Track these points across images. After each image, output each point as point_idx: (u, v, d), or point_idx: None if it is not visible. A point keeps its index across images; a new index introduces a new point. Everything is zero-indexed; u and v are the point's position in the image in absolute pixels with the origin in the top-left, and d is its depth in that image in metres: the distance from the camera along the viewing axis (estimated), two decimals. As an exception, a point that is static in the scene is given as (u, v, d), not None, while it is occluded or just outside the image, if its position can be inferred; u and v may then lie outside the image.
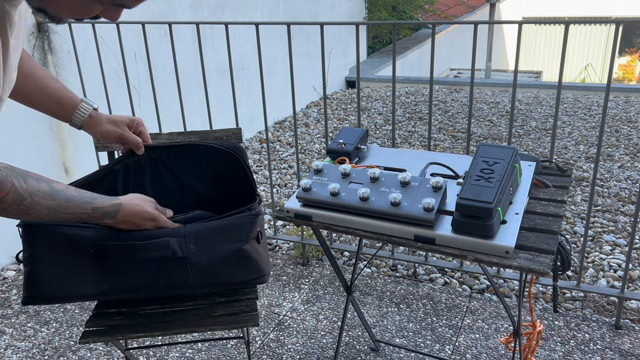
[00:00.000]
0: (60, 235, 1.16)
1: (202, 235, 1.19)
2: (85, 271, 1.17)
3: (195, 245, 1.18)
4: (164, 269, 1.17)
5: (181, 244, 1.17)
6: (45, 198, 1.00)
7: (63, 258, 1.16)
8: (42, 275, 1.16)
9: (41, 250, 1.16)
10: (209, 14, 4.22)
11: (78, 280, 1.17)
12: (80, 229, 1.17)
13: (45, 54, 2.91)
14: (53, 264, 1.16)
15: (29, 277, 1.16)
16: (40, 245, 1.16)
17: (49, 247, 1.16)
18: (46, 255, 1.16)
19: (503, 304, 1.67)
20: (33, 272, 1.16)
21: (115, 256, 1.17)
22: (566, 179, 1.47)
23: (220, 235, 1.20)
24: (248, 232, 1.23)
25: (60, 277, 1.16)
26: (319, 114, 5.62)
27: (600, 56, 13.52)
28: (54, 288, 1.16)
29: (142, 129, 1.34)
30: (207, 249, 1.19)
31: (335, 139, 1.53)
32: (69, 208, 1.04)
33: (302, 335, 2.17)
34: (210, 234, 1.19)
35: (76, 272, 1.16)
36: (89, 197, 1.08)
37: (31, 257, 1.17)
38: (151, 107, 3.52)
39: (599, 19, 2.03)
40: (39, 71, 1.22)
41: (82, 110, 1.25)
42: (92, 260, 1.17)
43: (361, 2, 7.76)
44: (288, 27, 2.32)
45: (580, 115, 5.21)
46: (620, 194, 3.45)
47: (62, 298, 1.18)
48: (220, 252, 1.19)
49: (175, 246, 1.17)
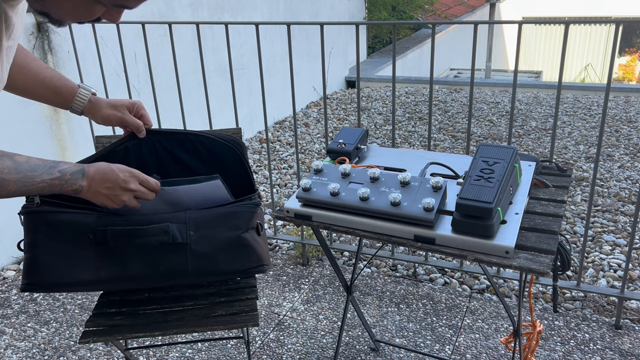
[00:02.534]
0: (61, 221, 1.17)
1: (202, 222, 1.19)
2: (85, 257, 1.17)
3: (195, 231, 1.19)
4: (163, 255, 1.18)
5: (181, 229, 1.17)
6: (10, 173, 0.98)
7: (63, 244, 1.16)
8: (41, 261, 1.16)
9: (41, 236, 1.16)
10: (209, 14, 4.22)
11: (78, 267, 1.17)
12: (81, 215, 1.18)
13: (45, 54, 2.91)
14: (53, 250, 1.16)
15: (29, 264, 1.17)
16: (40, 232, 1.17)
17: (49, 233, 1.16)
18: (46, 241, 1.16)
19: (503, 304, 1.67)
20: (33, 259, 1.17)
21: (115, 241, 1.17)
22: (566, 179, 1.47)
23: (220, 223, 1.20)
24: (248, 220, 1.23)
25: (60, 263, 1.16)
26: (319, 114, 5.62)
27: (600, 56, 13.52)
28: (53, 275, 1.17)
29: (143, 112, 1.33)
30: (207, 236, 1.19)
31: (335, 139, 1.53)
32: (36, 177, 1.02)
33: (302, 335, 2.17)
34: (210, 221, 1.20)
35: (76, 258, 1.17)
36: (53, 163, 1.06)
37: (31, 244, 1.17)
38: (151, 107, 3.52)
39: (599, 19, 2.03)
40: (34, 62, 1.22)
41: (81, 96, 1.25)
42: (92, 246, 1.17)
43: (361, 2, 7.76)
44: (288, 27, 2.32)
45: (580, 115, 5.21)
46: (620, 194, 3.45)
47: (61, 285, 1.18)
48: (219, 239, 1.20)
49: (175, 232, 1.17)
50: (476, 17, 11.07)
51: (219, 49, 4.34)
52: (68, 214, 1.18)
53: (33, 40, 2.85)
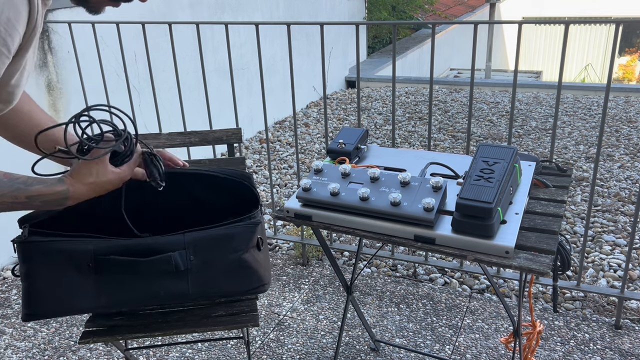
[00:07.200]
0: (58, 251, 1.13)
1: (201, 245, 1.17)
2: (85, 286, 1.14)
3: (195, 255, 1.17)
4: (165, 281, 1.16)
5: (182, 256, 1.15)
6: None
7: (61, 274, 1.13)
8: (40, 292, 1.13)
9: (37, 266, 1.12)
10: (209, 14, 4.22)
11: (77, 296, 1.14)
12: (79, 242, 1.14)
13: (45, 54, 2.91)
14: (51, 280, 1.13)
15: (27, 294, 1.14)
16: (36, 263, 1.12)
17: (46, 263, 1.12)
18: (43, 271, 1.13)
19: (503, 304, 1.67)
20: (31, 289, 1.13)
21: (116, 272, 1.15)
22: (566, 179, 1.47)
23: (220, 246, 1.18)
24: (247, 241, 1.21)
25: (59, 292, 1.13)
26: (319, 114, 5.62)
27: (600, 56, 13.52)
28: (52, 304, 1.14)
29: None
30: (207, 260, 1.17)
31: (335, 139, 1.53)
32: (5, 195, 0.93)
33: (302, 335, 2.17)
34: (209, 244, 1.17)
35: (75, 287, 1.14)
36: (22, 184, 0.96)
37: (28, 274, 1.13)
38: (151, 107, 3.52)
39: (599, 19, 2.03)
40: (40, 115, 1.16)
41: None
42: (91, 274, 1.14)
43: (361, 2, 7.76)
44: (288, 27, 2.32)
45: (580, 115, 5.21)
46: (620, 194, 3.45)
47: (61, 312, 1.16)
48: (220, 262, 1.18)
49: (177, 260, 1.15)
50: (476, 17, 11.07)
51: (219, 49, 4.34)
52: (65, 242, 1.13)
53: (33, 40, 2.85)
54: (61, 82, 3.02)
